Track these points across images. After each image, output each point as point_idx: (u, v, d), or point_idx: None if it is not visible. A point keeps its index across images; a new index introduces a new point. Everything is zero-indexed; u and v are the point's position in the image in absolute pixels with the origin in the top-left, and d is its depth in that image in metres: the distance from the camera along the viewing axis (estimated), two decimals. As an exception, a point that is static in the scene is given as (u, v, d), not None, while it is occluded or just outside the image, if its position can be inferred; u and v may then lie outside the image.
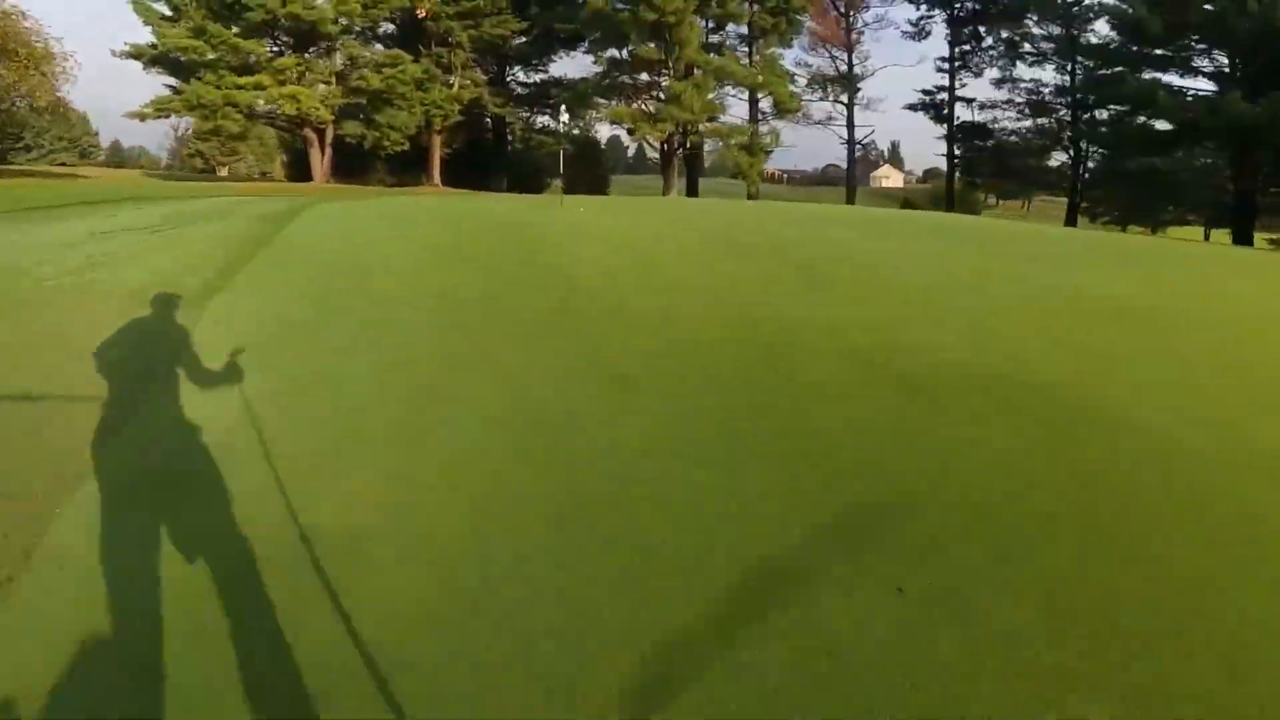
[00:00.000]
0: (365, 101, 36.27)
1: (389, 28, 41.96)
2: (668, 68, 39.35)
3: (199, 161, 68.75)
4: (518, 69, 46.16)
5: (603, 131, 77.04)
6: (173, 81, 34.85)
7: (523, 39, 42.40)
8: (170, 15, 34.10)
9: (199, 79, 32.83)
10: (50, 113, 40.22)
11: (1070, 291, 8.30)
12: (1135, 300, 8.10)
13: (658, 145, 41.87)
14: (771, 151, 44.04)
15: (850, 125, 51.88)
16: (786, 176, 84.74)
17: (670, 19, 36.02)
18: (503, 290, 7.60)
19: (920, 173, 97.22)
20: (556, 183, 24.95)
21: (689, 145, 42.24)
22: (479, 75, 42.51)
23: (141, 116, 34.15)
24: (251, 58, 33.71)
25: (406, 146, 38.23)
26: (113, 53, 34.34)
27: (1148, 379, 5.60)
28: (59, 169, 45.77)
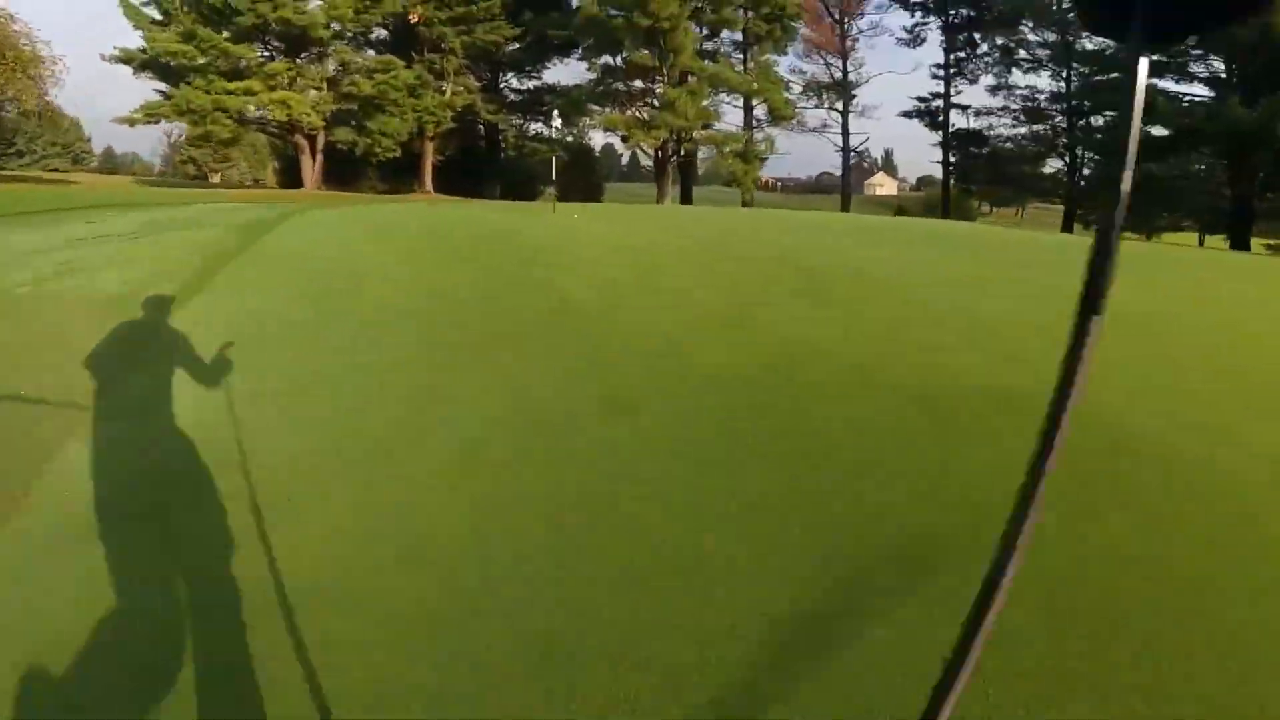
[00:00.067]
0: (357, 107, 36.26)
1: (381, 33, 41.97)
2: (662, 74, 39.49)
3: (191, 168, 68.71)
4: (511, 75, 46.29)
5: (596, 139, 77.36)
6: (163, 86, 34.81)
7: (516, 45, 42.45)
8: (161, 19, 34.03)
9: (189, 84, 32.76)
10: (38, 117, 40.00)
11: (1069, 296, 8.30)
12: (1130, 306, 8.12)
13: (652, 152, 42.00)
14: (766, 159, 44.34)
15: (845, 132, 52.28)
16: (780, 184, 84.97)
17: (665, 25, 36.16)
18: (502, 291, 7.56)
19: (914, 180, 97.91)
20: (550, 190, 24.92)
21: (683, 152, 42.37)
22: (472, 82, 42.56)
23: (131, 122, 34.09)
24: (242, 63, 33.67)
25: (398, 153, 38.13)
26: (102, 57, 34.38)
27: (1142, 384, 5.63)
28: (50, 175, 45.53)
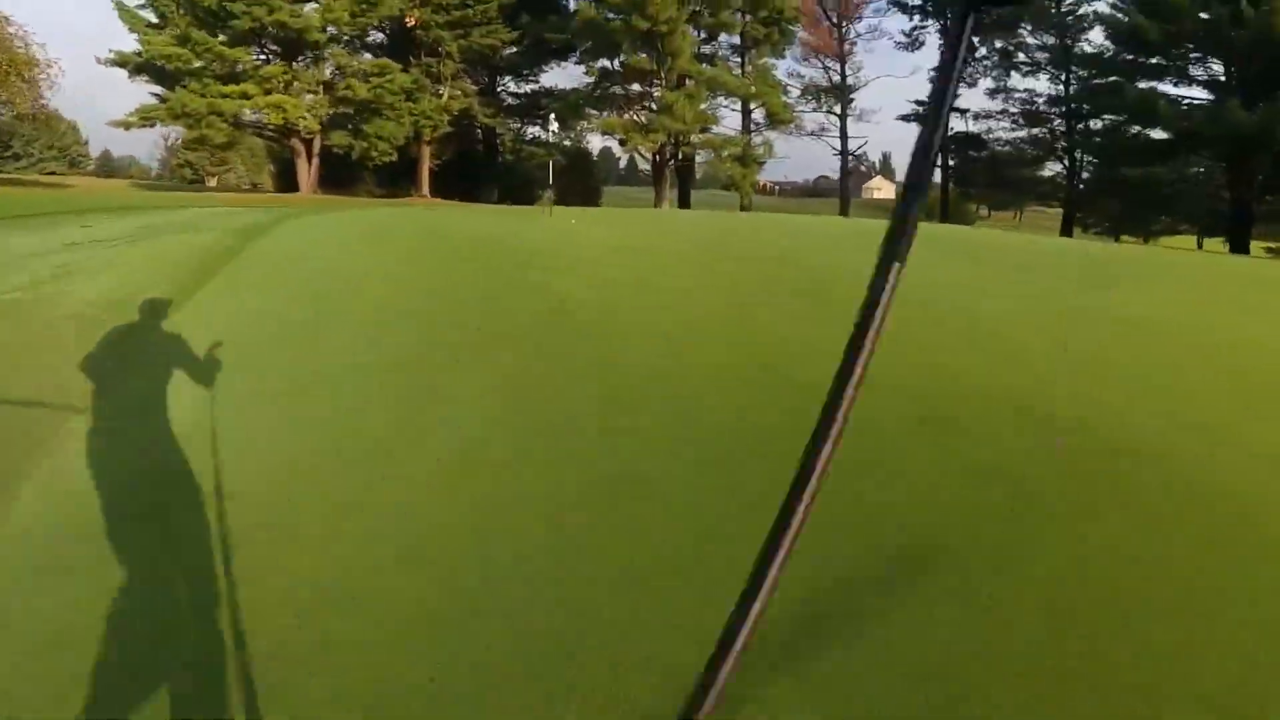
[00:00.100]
0: (353, 111, 36.03)
1: (378, 37, 41.78)
2: (660, 78, 39.48)
3: (188, 172, 68.55)
4: (508, 79, 46.16)
5: (594, 142, 77.29)
6: (158, 90, 34.64)
7: (513, 49, 42.25)
8: (156, 23, 33.90)
9: (184, 87, 32.61)
10: (32, 120, 39.87)
11: (1068, 300, 8.34)
12: (1131, 309, 8.15)
13: (650, 156, 41.97)
14: (764, 163, 44.24)
15: (844, 136, 52.07)
16: (778, 188, 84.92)
17: (662, 28, 36.16)
18: (502, 291, 7.56)
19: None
20: (547, 194, 24.89)
21: (681, 156, 42.30)
22: (469, 85, 42.44)
23: (126, 125, 33.96)
24: (237, 66, 33.45)
25: (395, 157, 37.90)
26: (98, 60, 34.20)
27: (1142, 385, 5.65)
28: (47, 178, 45.49)
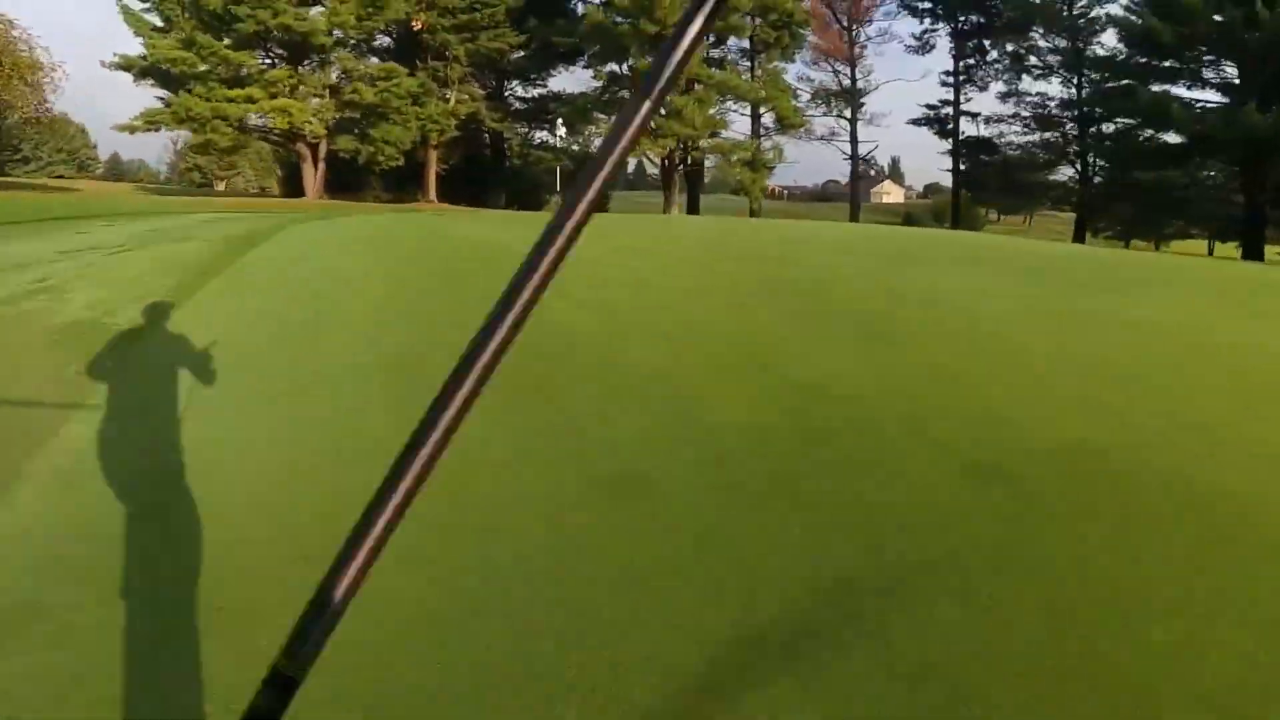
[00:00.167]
0: (359, 116, 35.72)
1: (384, 40, 41.60)
2: (669, 82, 39.36)
3: (197, 175, 68.68)
4: (515, 83, 45.98)
5: (602, 147, 76.92)
6: (163, 94, 34.49)
7: (521, 53, 42.12)
8: (161, 26, 33.80)
9: (189, 91, 32.45)
10: (37, 123, 39.98)
11: (1074, 305, 8.30)
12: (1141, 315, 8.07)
13: (658, 161, 41.66)
14: (774, 167, 43.78)
15: (854, 140, 51.54)
16: (787, 193, 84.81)
17: (671, 32, 36.09)
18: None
19: (920, 188, 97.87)
20: (556, 199, 24.90)
21: (690, 161, 42.06)
22: (476, 90, 42.28)
23: (131, 129, 33.79)
24: (243, 70, 33.16)
25: (402, 162, 37.54)
26: (102, 64, 33.96)
27: (1142, 386, 5.63)
28: (55, 182, 45.68)
